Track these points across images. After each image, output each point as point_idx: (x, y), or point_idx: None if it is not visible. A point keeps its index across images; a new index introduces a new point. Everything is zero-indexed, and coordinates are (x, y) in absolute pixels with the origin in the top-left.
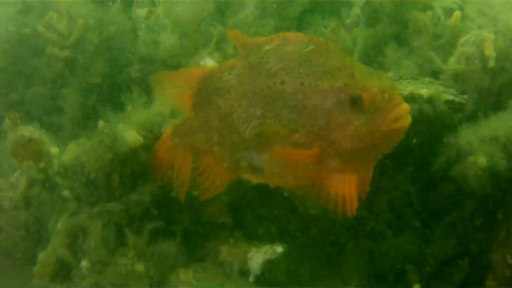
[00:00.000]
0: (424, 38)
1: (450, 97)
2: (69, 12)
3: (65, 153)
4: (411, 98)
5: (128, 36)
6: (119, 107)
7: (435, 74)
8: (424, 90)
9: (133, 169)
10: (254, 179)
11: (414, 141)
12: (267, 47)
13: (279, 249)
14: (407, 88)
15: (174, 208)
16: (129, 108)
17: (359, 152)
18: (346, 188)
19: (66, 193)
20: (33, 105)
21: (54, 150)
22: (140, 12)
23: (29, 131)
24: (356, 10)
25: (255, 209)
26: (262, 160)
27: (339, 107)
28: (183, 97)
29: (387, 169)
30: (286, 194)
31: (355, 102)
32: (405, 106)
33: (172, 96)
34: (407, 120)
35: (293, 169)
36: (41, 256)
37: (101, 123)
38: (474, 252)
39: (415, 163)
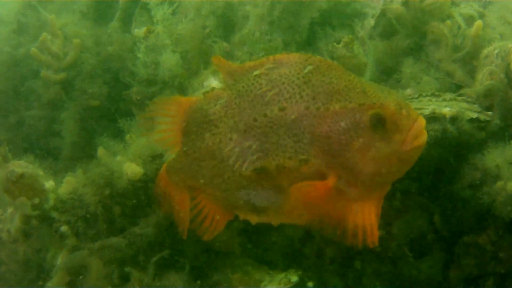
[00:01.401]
0: (443, 50)
1: (475, 115)
2: (64, 32)
3: (61, 186)
4: (433, 118)
5: (127, 55)
6: (119, 132)
7: (456, 88)
8: (447, 108)
9: (134, 201)
10: (254, 219)
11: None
12: (256, 72)
13: (294, 278)
14: (429, 106)
15: (181, 238)
16: (128, 136)
17: (379, 177)
18: (366, 218)
19: (64, 228)
20: (31, 128)
21: (49, 184)
22: (138, 31)
23: (21, 166)
24: (369, 22)
25: (267, 233)
26: (264, 199)
27: (357, 130)
28: (172, 131)
29: (408, 190)
30: None
31: (377, 122)
32: (422, 121)
33: (163, 129)
34: (425, 136)
35: (307, 205)
36: None
37: (100, 151)
38: (499, 273)
39: (437, 184)
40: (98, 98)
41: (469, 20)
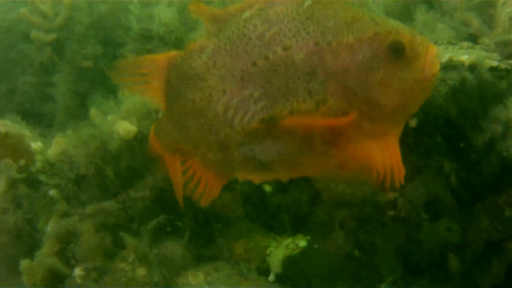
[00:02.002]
0: None
1: (495, 63)
2: None
3: (50, 148)
4: (450, 66)
5: (122, 13)
6: (113, 91)
7: (472, 38)
8: (465, 56)
9: (128, 162)
10: (258, 179)
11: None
12: (246, 14)
13: (302, 242)
14: (445, 54)
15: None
16: (121, 93)
17: (403, 109)
18: (392, 155)
19: (53, 192)
20: (24, 95)
21: (36, 145)
22: None
23: (5, 125)
24: None
25: (273, 196)
26: (272, 153)
27: (376, 60)
28: (152, 91)
29: (421, 145)
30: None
31: (397, 50)
32: (434, 48)
33: (140, 90)
34: (438, 65)
35: (329, 147)
36: (24, 264)
37: (93, 111)
38: None
39: (454, 138)
40: (91, 59)
41: None
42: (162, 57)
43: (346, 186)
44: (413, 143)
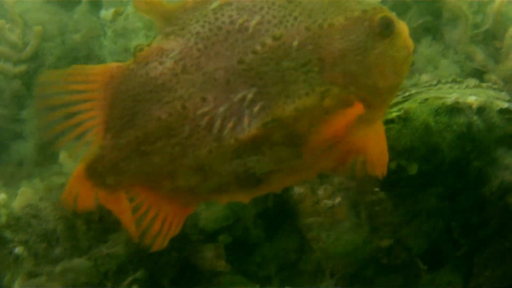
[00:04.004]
0: (462, 29)
1: (505, 105)
2: (24, 18)
3: (15, 199)
4: (456, 109)
5: (96, 43)
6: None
7: (478, 73)
8: (472, 97)
9: (101, 213)
10: (247, 196)
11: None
12: (214, 5)
13: None
14: (451, 95)
15: (159, 255)
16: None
17: (396, 89)
18: (382, 143)
19: (19, 250)
20: None
21: (0, 197)
22: (106, 14)
23: None
24: None
25: (259, 246)
26: (271, 161)
27: (370, 40)
28: (89, 116)
29: (420, 189)
30: None
31: (387, 27)
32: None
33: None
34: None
35: (336, 142)
36: None
37: (62, 156)
38: None
39: (457, 185)
40: None
41: None
42: (99, 70)
43: (336, 236)
44: (410, 190)
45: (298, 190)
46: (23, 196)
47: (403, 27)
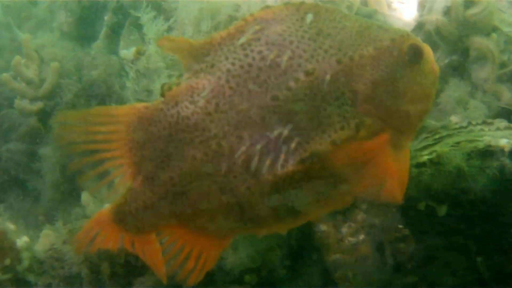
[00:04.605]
0: (489, 68)
1: None
2: (40, 54)
3: (38, 242)
4: (489, 152)
5: (114, 80)
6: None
7: (505, 113)
8: (504, 140)
9: (127, 257)
10: (285, 228)
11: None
12: (242, 40)
13: None
14: (482, 138)
15: None
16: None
17: (425, 114)
18: (406, 167)
19: None
20: (9, 163)
21: (22, 241)
22: (127, 53)
23: None
24: None
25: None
26: (309, 193)
27: (399, 68)
28: (116, 159)
29: (446, 228)
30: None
31: (415, 55)
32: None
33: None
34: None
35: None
36: None
37: (85, 197)
38: None
39: (487, 227)
40: None
41: None
42: (125, 111)
43: (362, 275)
44: (437, 228)
45: (322, 227)
46: (46, 239)
47: (428, 51)
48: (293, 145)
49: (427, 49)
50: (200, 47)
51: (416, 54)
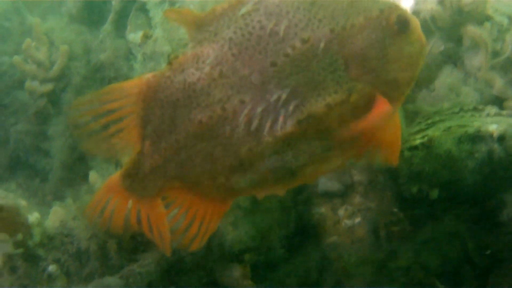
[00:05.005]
0: (482, 57)
1: None
2: (50, 38)
3: (48, 218)
4: (479, 137)
5: (122, 63)
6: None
7: (497, 100)
8: (493, 126)
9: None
10: (283, 189)
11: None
12: (242, 11)
13: None
14: (472, 123)
15: (187, 274)
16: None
17: (412, 82)
18: (398, 132)
19: (52, 268)
20: (18, 143)
21: (33, 217)
22: (134, 37)
23: (1, 197)
24: None
25: (282, 265)
26: (305, 154)
27: (388, 37)
28: (128, 129)
29: (438, 213)
30: None
31: (403, 24)
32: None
33: (112, 133)
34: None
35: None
36: None
37: (92, 176)
38: None
39: (476, 210)
40: None
41: (509, 20)
42: (134, 83)
43: (357, 254)
44: (430, 211)
45: (319, 210)
46: (55, 215)
47: (416, 22)
48: (290, 107)
49: (414, 20)
50: (203, 18)
51: (403, 24)
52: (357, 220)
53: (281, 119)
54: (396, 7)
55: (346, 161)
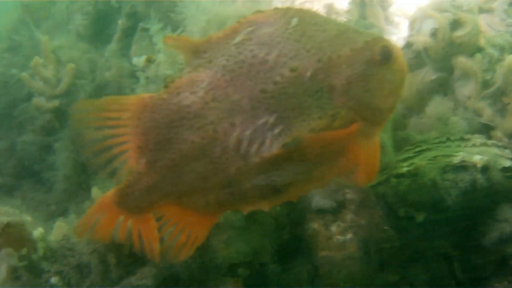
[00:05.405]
0: (472, 86)
1: (507, 163)
2: (57, 55)
3: (52, 232)
4: (462, 167)
5: (126, 82)
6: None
7: (485, 129)
8: (478, 157)
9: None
10: (268, 205)
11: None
12: (237, 40)
13: None
14: (458, 153)
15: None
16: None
17: (394, 108)
18: (376, 154)
19: (54, 280)
20: (23, 153)
21: (38, 232)
22: (138, 61)
23: (7, 214)
24: None
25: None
26: (290, 174)
27: (371, 68)
28: (124, 141)
29: (426, 234)
30: None
31: (386, 55)
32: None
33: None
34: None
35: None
36: None
37: (95, 192)
38: None
39: (459, 233)
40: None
41: (500, 51)
42: (132, 100)
43: (348, 269)
44: (417, 233)
45: (312, 225)
46: (58, 230)
47: (398, 51)
48: (276, 131)
49: (397, 50)
50: (199, 45)
51: (386, 55)
52: (349, 236)
53: (268, 141)
54: (380, 39)
55: (328, 181)
